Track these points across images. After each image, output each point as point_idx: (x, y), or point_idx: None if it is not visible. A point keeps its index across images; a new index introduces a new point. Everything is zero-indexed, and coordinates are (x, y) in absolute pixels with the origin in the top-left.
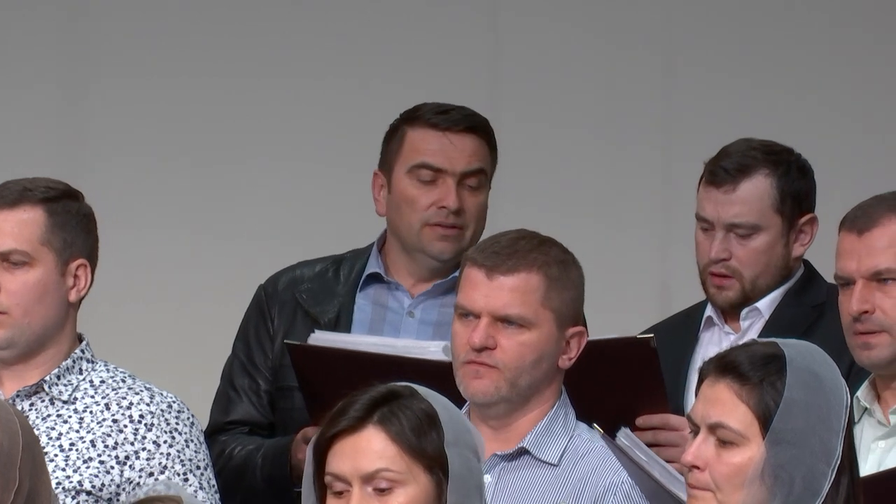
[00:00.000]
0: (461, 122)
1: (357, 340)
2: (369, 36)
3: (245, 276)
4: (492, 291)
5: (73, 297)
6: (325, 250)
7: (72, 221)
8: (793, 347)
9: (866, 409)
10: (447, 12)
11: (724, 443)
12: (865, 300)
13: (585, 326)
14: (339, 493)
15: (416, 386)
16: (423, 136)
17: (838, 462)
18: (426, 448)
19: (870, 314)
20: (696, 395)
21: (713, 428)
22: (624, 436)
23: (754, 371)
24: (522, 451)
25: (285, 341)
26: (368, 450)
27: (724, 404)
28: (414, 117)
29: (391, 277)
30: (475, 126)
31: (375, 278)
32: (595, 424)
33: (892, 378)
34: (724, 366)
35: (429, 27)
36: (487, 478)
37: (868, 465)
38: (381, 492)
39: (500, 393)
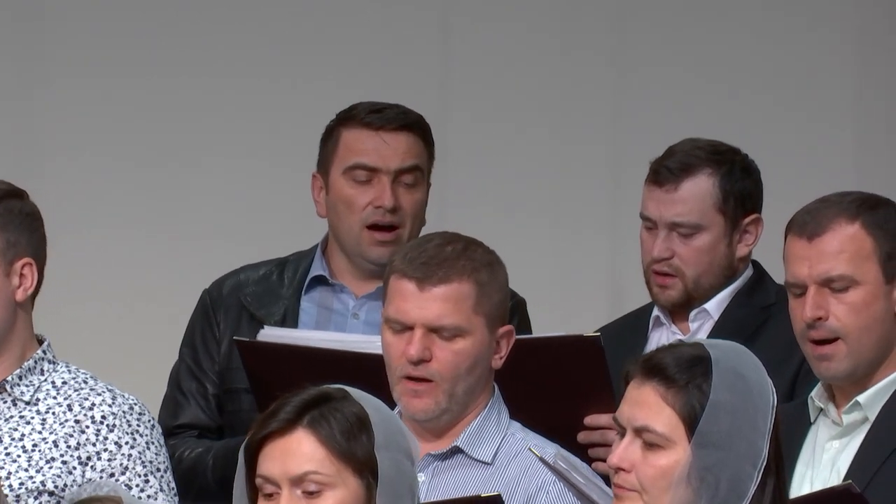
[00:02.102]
0: (394, 121)
1: (306, 336)
2: (320, 37)
3: (198, 277)
4: (424, 303)
5: (19, 296)
6: (279, 251)
7: (14, 221)
8: (718, 349)
9: (821, 409)
10: (397, 13)
11: (650, 445)
12: (819, 306)
13: (528, 322)
14: (270, 496)
15: (349, 388)
16: (356, 136)
17: (764, 463)
18: (356, 451)
19: (823, 321)
20: (623, 396)
21: (639, 431)
22: (561, 459)
23: (680, 373)
24: (456, 450)
25: (234, 338)
26: (297, 452)
27: (650, 407)
28: (348, 118)
29: (336, 279)
30: (409, 123)
31: (320, 281)
32: (531, 448)
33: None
34: (650, 368)
35: (378, 28)
36: (421, 476)
37: (822, 465)
38: (309, 494)
39: (441, 407)
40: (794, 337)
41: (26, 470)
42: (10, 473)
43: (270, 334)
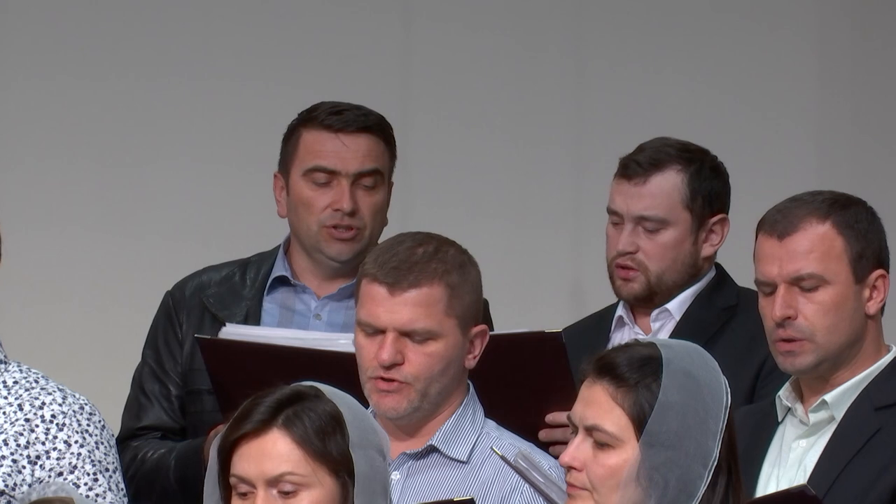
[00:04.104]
0: (354, 123)
1: (267, 334)
2: (280, 36)
3: (157, 278)
4: (395, 307)
5: None
6: (243, 252)
7: None
8: (671, 349)
9: (789, 409)
10: (359, 12)
11: (600, 444)
12: (788, 306)
13: (491, 323)
14: (244, 495)
15: (321, 386)
16: (316, 137)
17: (714, 463)
18: (331, 451)
19: (793, 320)
20: (577, 394)
21: (589, 430)
22: (521, 458)
23: (631, 373)
24: (431, 449)
25: (196, 335)
26: (273, 453)
27: (601, 406)
28: (309, 118)
29: (298, 280)
30: (369, 126)
31: (282, 281)
32: (493, 447)
33: (814, 378)
34: (601, 367)
35: (340, 27)
36: (396, 475)
37: (789, 465)
38: (285, 495)
39: (413, 406)
40: (754, 338)
41: None
42: None
43: (232, 332)
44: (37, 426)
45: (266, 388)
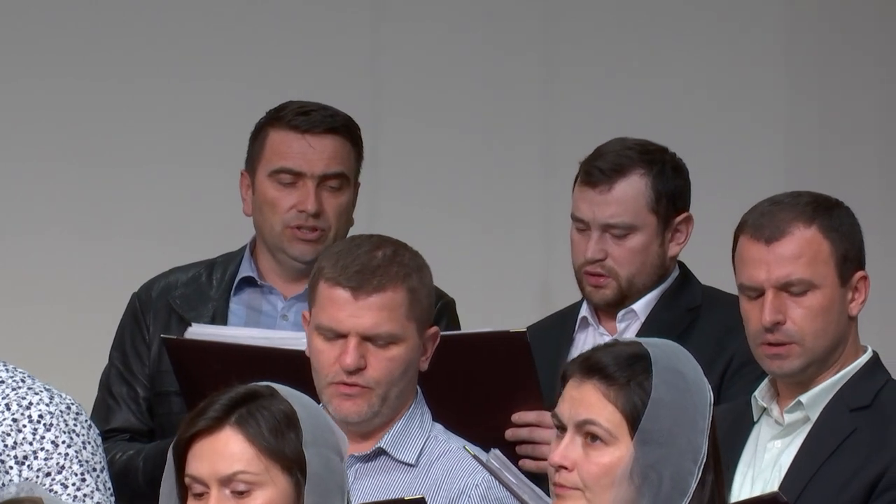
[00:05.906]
0: (321, 124)
1: (234, 334)
2: (250, 36)
3: (132, 280)
4: (359, 311)
5: None
6: (211, 252)
7: None
8: (657, 347)
9: (765, 409)
10: (328, 12)
11: (592, 441)
12: (778, 311)
13: (458, 323)
14: (199, 496)
15: (277, 385)
16: (283, 138)
17: (704, 460)
18: (284, 449)
19: (781, 324)
20: (561, 395)
21: (581, 425)
22: (494, 457)
23: (620, 371)
24: (379, 452)
25: (162, 336)
26: (226, 452)
27: (592, 405)
28: (276, 118)
29: (264, 281)
30: (336, 127)
31: (248, 282)
32: (465, 447)
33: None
34: (589, 367)
35: (309, 27)
36: None
37: (764, 465)
38: (238, 494)
39: (373, 410)
40: (719, 339)
41: None
42: None
43: (198, 332)
44: (24, 426)
45: (229, 387)
